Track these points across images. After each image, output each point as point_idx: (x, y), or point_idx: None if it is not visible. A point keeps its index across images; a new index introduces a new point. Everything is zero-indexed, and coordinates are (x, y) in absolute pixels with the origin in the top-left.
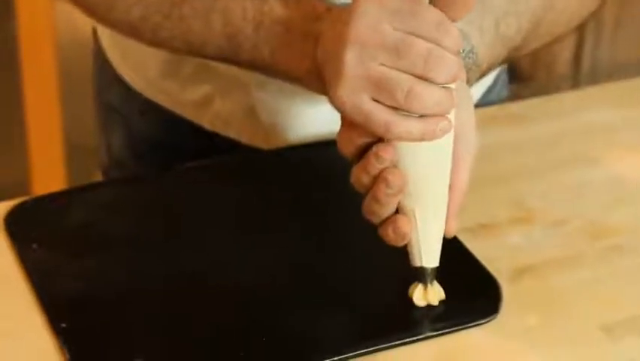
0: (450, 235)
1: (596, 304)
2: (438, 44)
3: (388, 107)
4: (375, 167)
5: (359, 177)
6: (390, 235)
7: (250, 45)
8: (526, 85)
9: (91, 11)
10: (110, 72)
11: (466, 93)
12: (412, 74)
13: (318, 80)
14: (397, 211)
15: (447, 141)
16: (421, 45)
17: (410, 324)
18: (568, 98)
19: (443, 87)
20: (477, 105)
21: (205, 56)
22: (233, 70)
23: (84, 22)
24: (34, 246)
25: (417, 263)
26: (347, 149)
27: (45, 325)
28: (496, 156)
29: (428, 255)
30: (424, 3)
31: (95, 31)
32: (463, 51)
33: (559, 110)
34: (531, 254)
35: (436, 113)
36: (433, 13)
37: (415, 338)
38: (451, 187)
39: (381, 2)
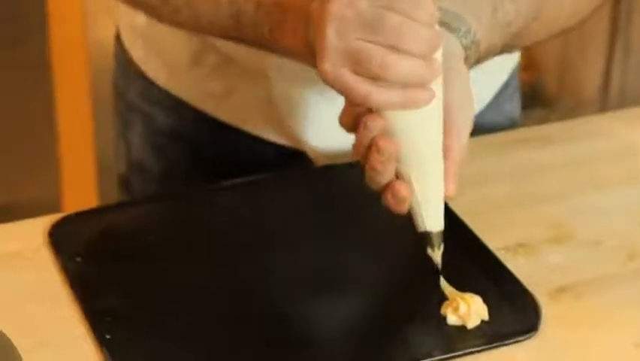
0: (450, 198)
1: (630, 321)
2: (410, 17)
3: (368, 78)
4: (366, 136)
5: (357, 148)
6: (390, 200)
7: (251, 24)
8: (553, 109)
9: None
10: (132, 70)
11: (459, 63)
12: (387, 46)
13: (313, 56)
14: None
15: (434, 107)
16: (394, 19)
17: (449, 340)
18: (598, 121)
19: (423, 58)
20: (488, 108)
21: (213, 34)
22: (255, 59)
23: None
24: (78, 259)
25: (421, 228)
26: (345, 119)
27: (89, 336)
28: (531, 177)
29: (431, 218)
30: None
31: (117, 35)
32: (460, 30)
33: (590, 132)
34: (568, 273)
35: (415, 82)
36: None
37: (454, 355)
38: (445, 151)
39: None
